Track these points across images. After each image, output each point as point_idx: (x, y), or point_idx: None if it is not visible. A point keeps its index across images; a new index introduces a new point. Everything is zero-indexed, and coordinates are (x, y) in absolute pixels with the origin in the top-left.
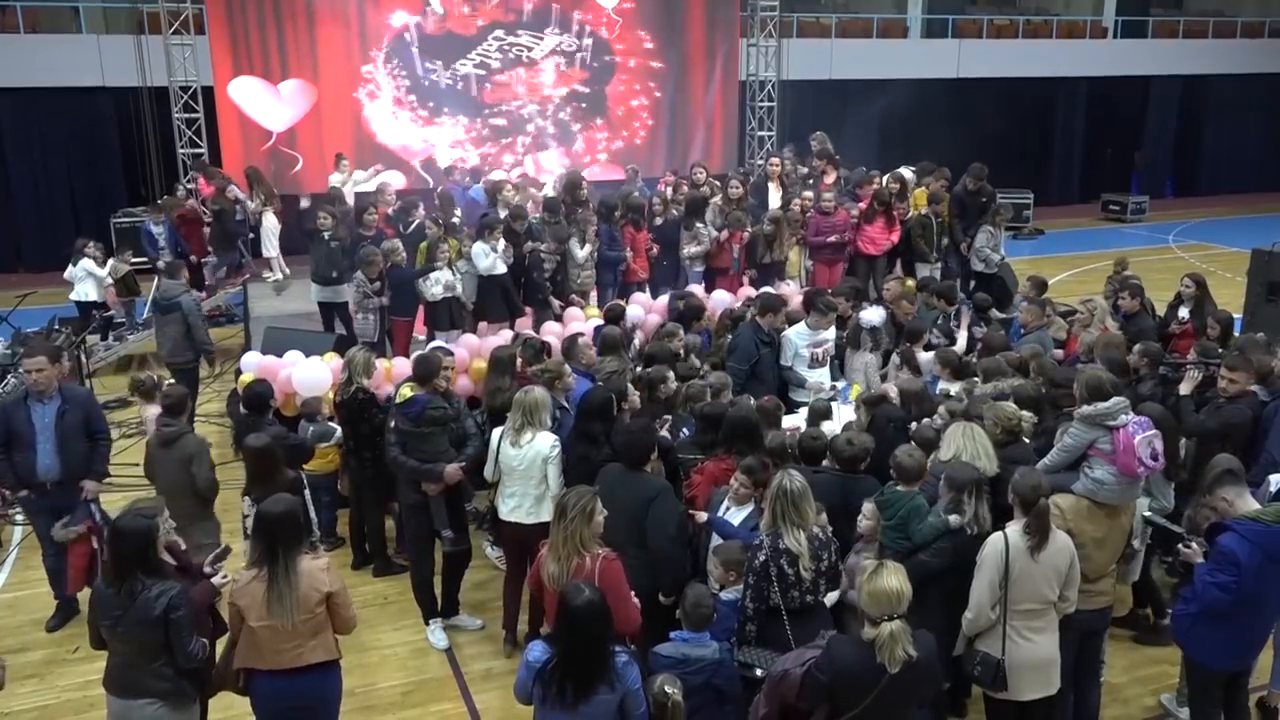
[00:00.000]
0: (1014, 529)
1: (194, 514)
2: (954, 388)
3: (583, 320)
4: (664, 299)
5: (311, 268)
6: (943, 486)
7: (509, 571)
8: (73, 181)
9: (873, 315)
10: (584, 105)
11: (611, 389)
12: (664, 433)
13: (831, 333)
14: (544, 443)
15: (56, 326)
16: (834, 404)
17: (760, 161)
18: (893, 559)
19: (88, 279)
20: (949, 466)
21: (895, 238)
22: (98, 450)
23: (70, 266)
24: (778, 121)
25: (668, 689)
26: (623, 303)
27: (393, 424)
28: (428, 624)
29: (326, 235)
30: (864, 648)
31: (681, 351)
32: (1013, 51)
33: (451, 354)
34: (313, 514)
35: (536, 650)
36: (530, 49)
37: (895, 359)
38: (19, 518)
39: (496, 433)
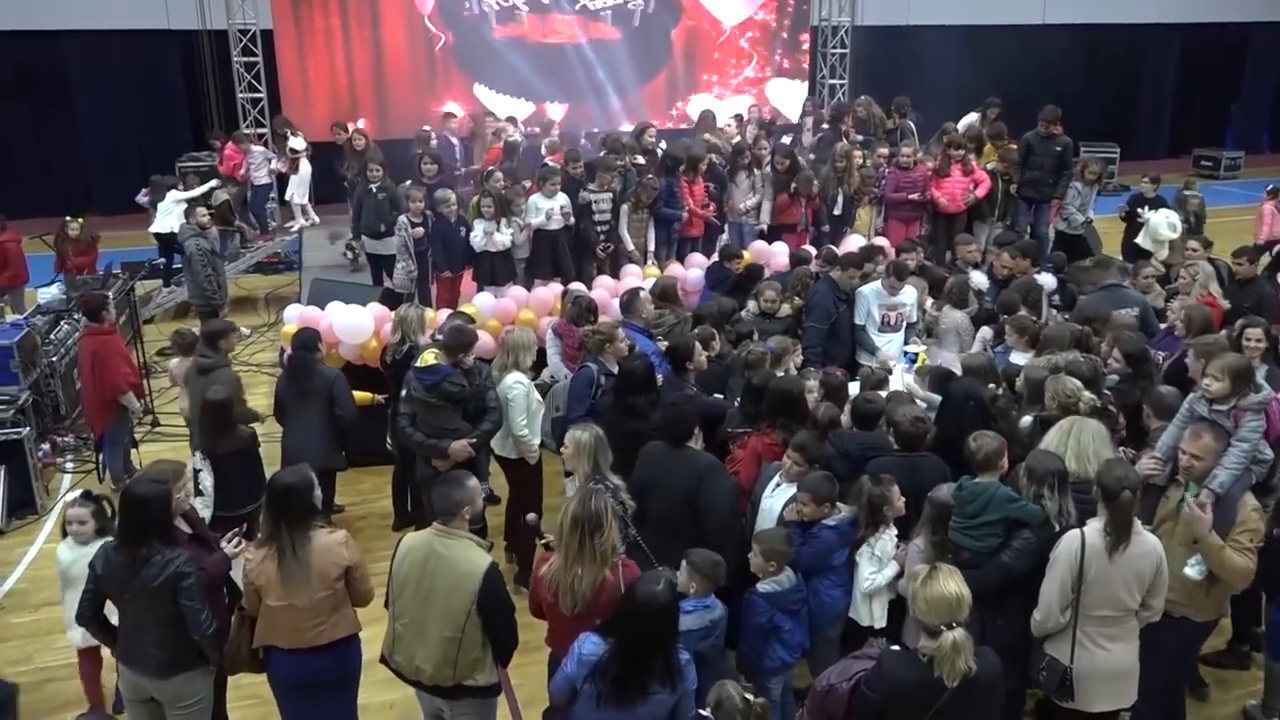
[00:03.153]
0: (1093, 526)
1: None
2: (1025, 358)
3: (640, 278)
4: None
5: (361, 220)
6: (1022, 477)
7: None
8: (140, 125)
9: (980, 279)
10: (646, 51)
11: (676, 343)
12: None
13: (907, 296)
14: (509, 381)
15: (115, 271)
16: (901, 370)
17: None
18: (970, 559)
19: (174, 209)
20: (1030, 455)
21: (982, 191)
22: None
23: (158, 204)
24: (850, 70)
25: (749, 697)
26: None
27: (405, 391)
28: None
29: (374, 187)
30: (919, 662)
31: (745, 314)
32: None
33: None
34: None
35: (591, 644)
36: None
37: (985, 331)
38: (69, 465)
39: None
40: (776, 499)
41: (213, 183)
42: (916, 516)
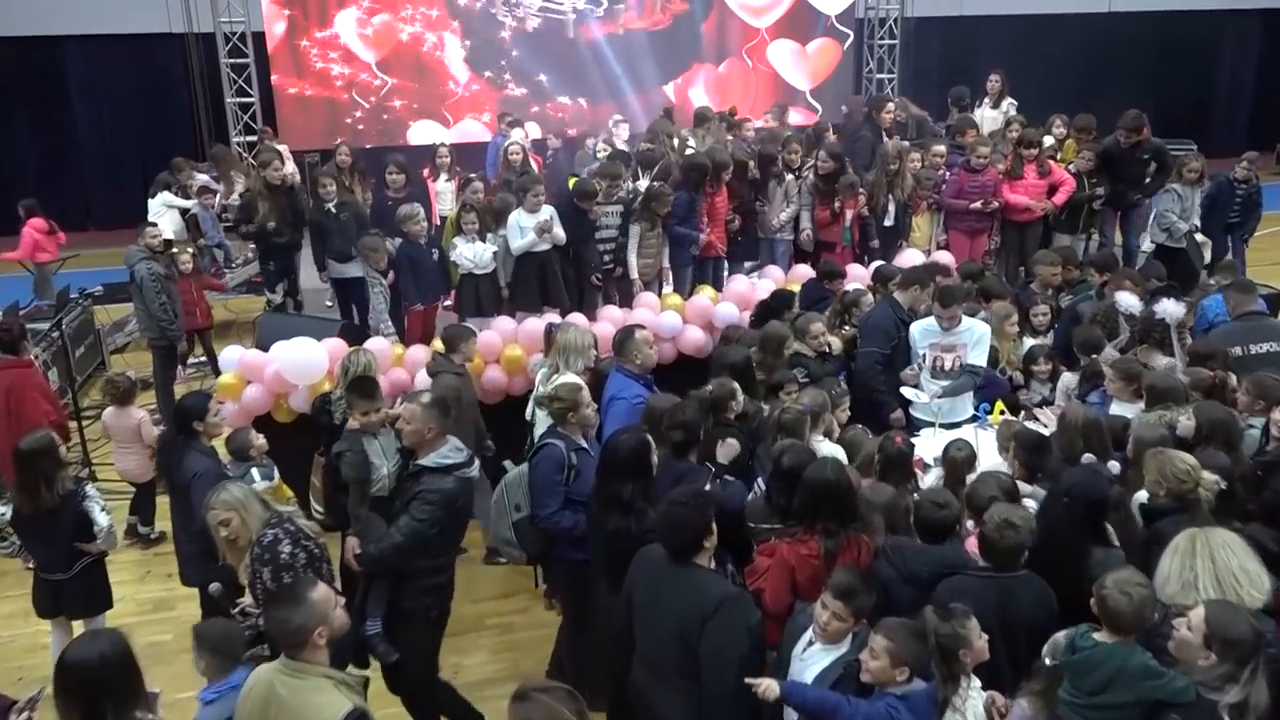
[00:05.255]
0: None
1: None
2: (1131, 411)
3: (656, 310)
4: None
5: (326, 246)
6: (1210, 650)
7: None
8: (140, 134)
9: (1130, 300)
10: (674, 46)
11: (687, 419)
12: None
13: (966, 333)
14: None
15: (73, 296)
16: (973, 429)
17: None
18: None
19: (166, 214)
20: (1212, 612)
21: (1060, 197)
22: None
23: (149, 200)
24: (899, 64)
25: None
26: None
27: None
28: None
29: (331, 207)
30: None
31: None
32: None
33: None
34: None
35: None
36: None
37: (1068, 379)
38: None
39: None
40: (808, 664)
41: (194, 203)
42: (1010, 662)
